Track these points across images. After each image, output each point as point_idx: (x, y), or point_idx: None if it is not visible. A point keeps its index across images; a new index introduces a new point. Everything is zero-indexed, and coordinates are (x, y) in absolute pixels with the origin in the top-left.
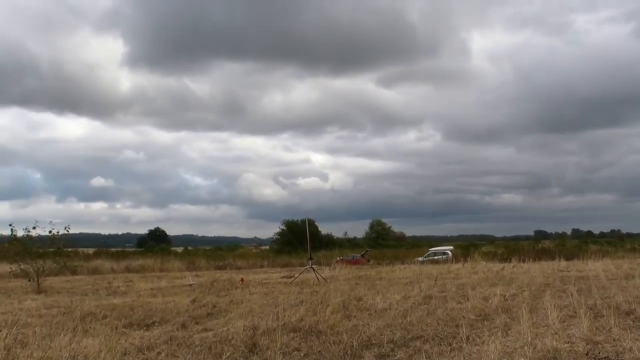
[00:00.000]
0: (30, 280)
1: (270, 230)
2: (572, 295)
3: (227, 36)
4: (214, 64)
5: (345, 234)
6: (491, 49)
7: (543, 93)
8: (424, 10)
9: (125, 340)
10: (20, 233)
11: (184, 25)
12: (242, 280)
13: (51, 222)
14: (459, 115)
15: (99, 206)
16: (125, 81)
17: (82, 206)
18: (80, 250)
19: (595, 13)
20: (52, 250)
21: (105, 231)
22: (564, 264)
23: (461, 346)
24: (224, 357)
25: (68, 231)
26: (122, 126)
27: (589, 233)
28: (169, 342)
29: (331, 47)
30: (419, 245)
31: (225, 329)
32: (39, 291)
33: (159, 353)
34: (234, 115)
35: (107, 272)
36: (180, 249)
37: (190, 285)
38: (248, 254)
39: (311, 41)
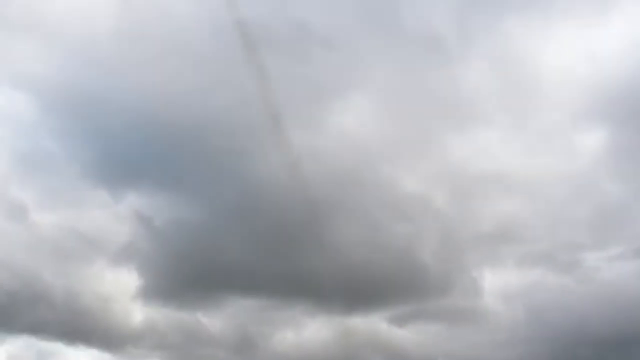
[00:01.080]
0: None
1: None
2: None
3: (241, 272)
4: (227, 300)
5: None
6: (502, 287)
7: (555, 332)
8: (436, 250)
9: None
10: None
11: (198, 261)
12: None
13: None
14: (471, 354)
15: None
16: (138, 314)
17: None
18: None
19: (604, 250)
20: None
21: None
22: None
23: None
24: None
25: None
26: (132, 359)
27: None
28: None
29: (344, 285)
30: None
31: None
32: None
33: None
34: (245, 352)
35: None
36: None
37: None
38: None
39: (324, 279)
